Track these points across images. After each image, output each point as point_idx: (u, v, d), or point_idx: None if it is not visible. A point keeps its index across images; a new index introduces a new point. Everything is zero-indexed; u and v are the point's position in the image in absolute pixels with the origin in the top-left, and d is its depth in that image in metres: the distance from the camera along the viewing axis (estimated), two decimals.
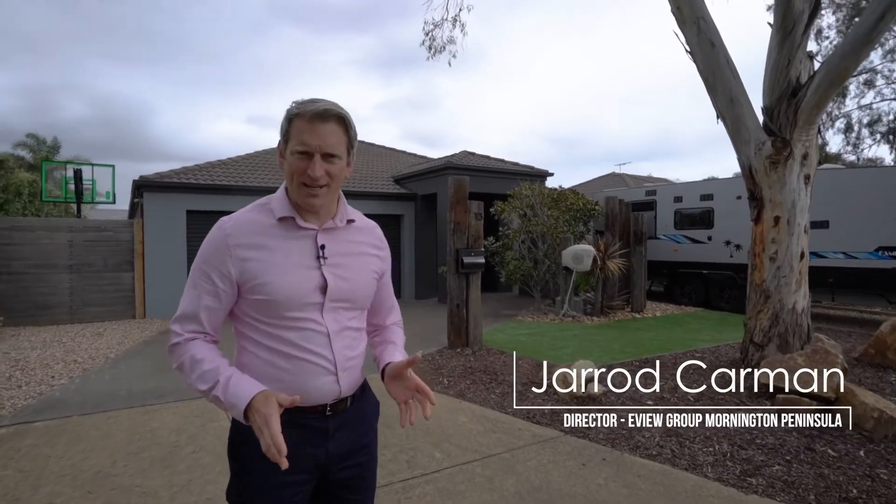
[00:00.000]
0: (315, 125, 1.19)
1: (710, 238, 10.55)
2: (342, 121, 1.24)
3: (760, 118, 5.11)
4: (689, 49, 5.30)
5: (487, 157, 13.23)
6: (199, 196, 10.15)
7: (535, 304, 10.16)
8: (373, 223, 1.48)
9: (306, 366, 1.24)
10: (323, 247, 1.28)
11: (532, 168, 13.09)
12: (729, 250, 10.14)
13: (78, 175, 9.45)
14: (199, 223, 10.05)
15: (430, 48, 8.84)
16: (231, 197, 10.43)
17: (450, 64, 9.27)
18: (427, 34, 9.05)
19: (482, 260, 6.74)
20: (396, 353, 1.43)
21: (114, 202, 11.88)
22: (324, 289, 1.25)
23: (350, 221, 1.36)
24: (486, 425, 3.95)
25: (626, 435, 3.72)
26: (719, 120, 5.23)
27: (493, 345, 6.74)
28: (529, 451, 3.48)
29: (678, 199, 11.27)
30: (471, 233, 6.77)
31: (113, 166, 11.64)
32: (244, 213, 1.27)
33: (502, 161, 13.24)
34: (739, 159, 5.21)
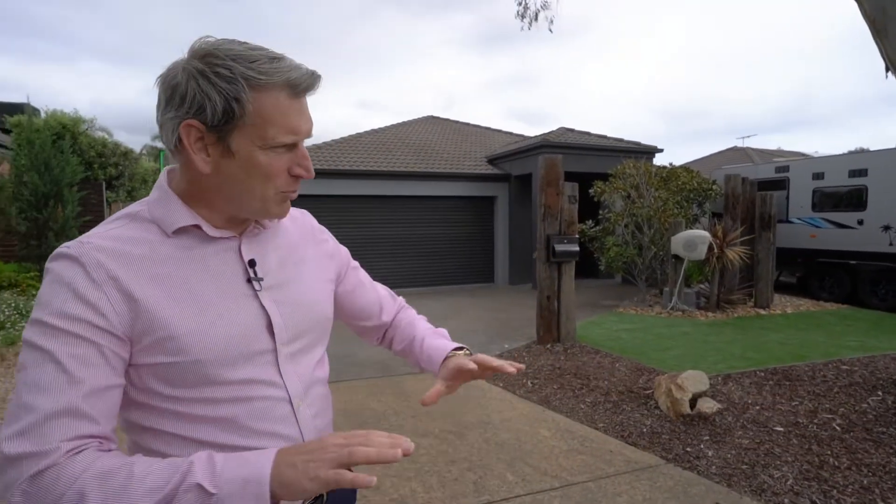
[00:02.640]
0: (301, 100, 0.78)
1: (860, 222, 8.83)
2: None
3: None
4: None
5: (587, 134, 12.25)
6: None
7: (639, 294, 9.23)
8: (301, 211, 1.03)
9: None
10: (252, 263, 0.84)
11: (638, 144, 11.90)
12: (888, 237, 8.40)
13: None
14: (295, 206, 10.32)
15: (522, 17, 8.13)
16: (324, 180, 10.62)
17: (551, 31, 8.47)
18: (520, 2, 8.32)
19: (576, 248, 6.08)
20: (447, 342, 1.05)
21: None
22: (271, 328, 0.82)
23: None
24: (571, 443, 3.42)
25: (746, 471, 2.99)
26: (889, 73, 4.07)
27: (588, 341, 6.09)
28: (621, 481, 2.91)
29: (818, 176, 9.58)
30: (563, 217, 6.12)
31: None
32: (107, 230, 0.78)
33: (604, 137, 12.19)
34: None
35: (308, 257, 0.95)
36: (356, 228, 11.02)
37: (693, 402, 3.75)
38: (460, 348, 1.03)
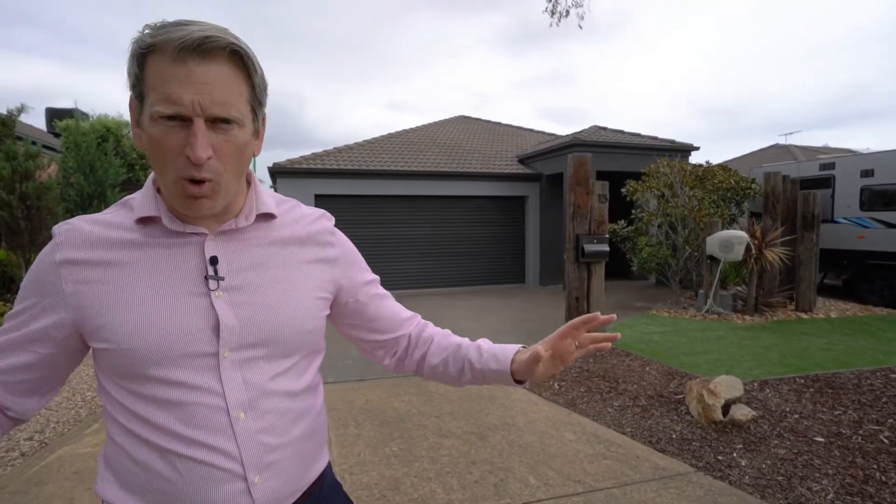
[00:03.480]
0: (189, 65, 0.68)
1: None
2: (239, 58, 0.71)
3: None
4: None
5: (620, 132, 12.00)
6: (326, 180, 10.58)
7: (672, 296, 8.97)
8: (317, 212, 0.94)
9: (191, 467, 0.75)
10: (214, 260, 0.79)
11: (673, 142, 11.60)
12: None
13: None
14: (327, 207, 10.48)
15: (552, 13, 7.99)
16: (355, 180, 10.73)
17: (580, 27, 8.31)
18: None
19: (606, 248, 5.95)
20: (505, 345, 0.99)
21: None
22: (217, 330, 0.77)
23: (264, 216, 0.85)
24: (596, 447, 3.33)
25: (783, 483, 2.85)
26: None
27: (618, 344, 5.92)
28: (647, 489, 2.81)
29: (867, 174, 9.11)
30: (593, 217, 6.00)
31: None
32: (98, 214, 0.82)
33: (638, 136, 11.92)
34: None
35: (298, 261, 0.87)
36: (387, 228, 11.10)
37: (726, 409, 3.60)
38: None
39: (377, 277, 1.03)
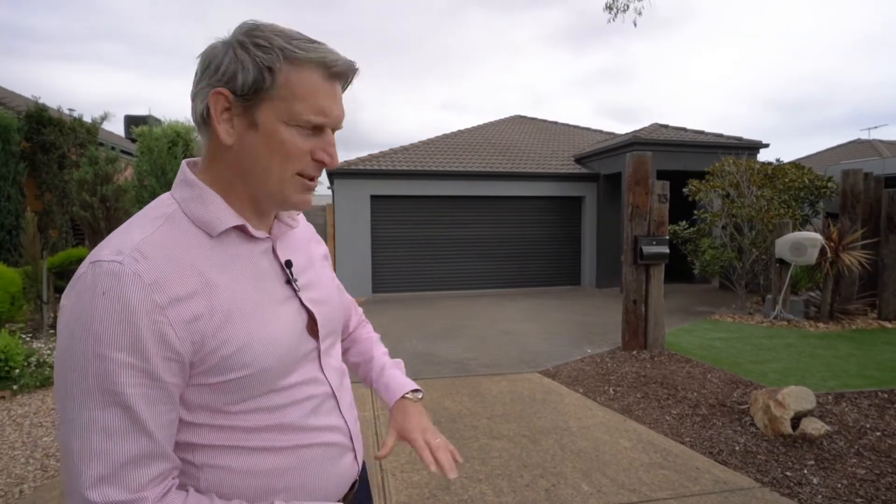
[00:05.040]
0: (335, 86, 0.77)
1: None
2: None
3: None
4: None
5: (683, 130, 11.53)
6: (381, 181, 10.78)
7: (737, 301, 8.52)
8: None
9: (318, 452, 0.81)
10: (289, 263, 0.84)
11: (740, 139, 11.02)
12: None
13: None
14: (382, 207, 10.74)
15: (611, 8, 7.78)
16: (410, 181, 10.87)
17: (635, 24, 8.06)
18: None
19: (666, 249, 5.73)
20: (404, 379, 1.08)
21: None
22: (313, 327, 0.84)
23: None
24: (653, 456, 3.22)
25: None
26: None
27: (678, 349, 5.72)
28: (707, 502, 2.69)
29: None
30: (652, 217, 5.80)
31: None
32: (148, 235, 0.70)
33: (701, 133, 11.41)
34: None
35: (319, 256, 0.97)
36: (442, 229, 11.18)
37: (796, 422, 3.39)
38: (416, 390, 1.06)
39: None
